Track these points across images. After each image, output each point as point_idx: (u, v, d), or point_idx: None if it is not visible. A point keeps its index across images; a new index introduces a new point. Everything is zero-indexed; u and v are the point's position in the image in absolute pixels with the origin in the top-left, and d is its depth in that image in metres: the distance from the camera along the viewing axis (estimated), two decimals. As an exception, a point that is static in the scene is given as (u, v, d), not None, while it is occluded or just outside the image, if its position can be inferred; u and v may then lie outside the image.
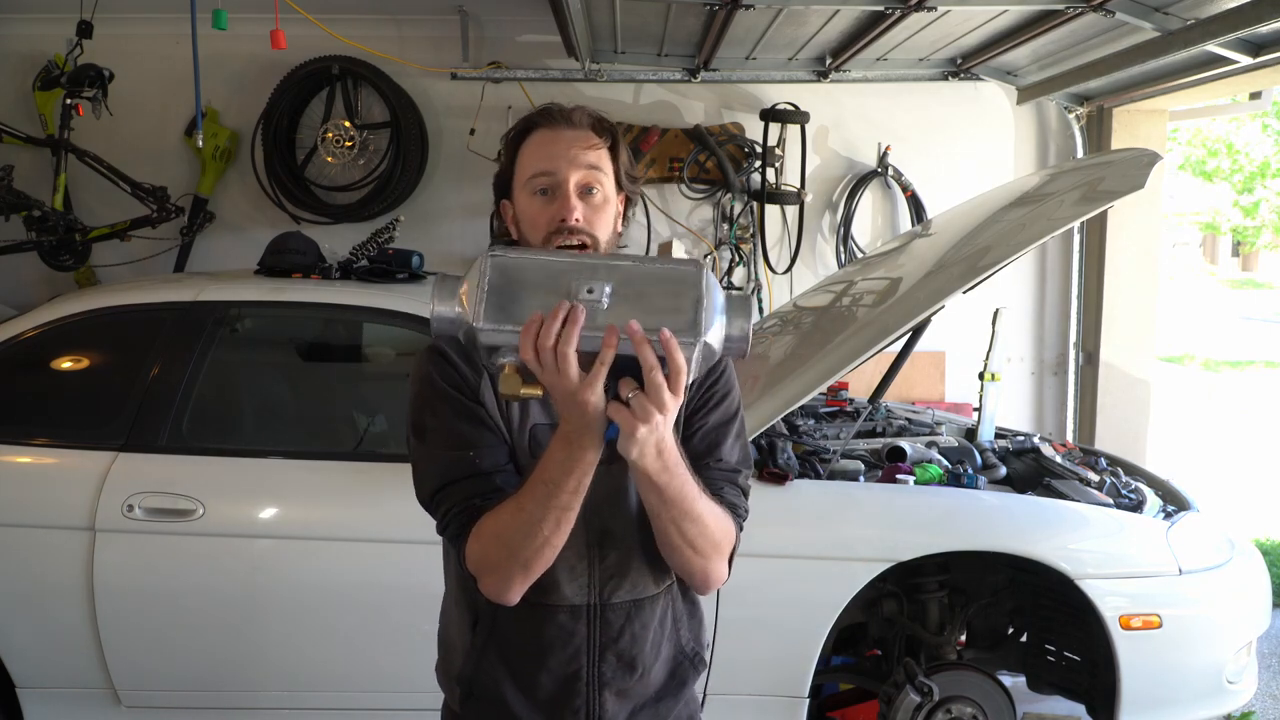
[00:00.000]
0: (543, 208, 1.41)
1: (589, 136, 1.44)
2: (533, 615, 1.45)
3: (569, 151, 1.42)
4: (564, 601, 1.44)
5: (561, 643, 1.46)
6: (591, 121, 1.46)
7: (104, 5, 4.34)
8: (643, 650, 1.49)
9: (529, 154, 1.45)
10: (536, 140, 1.45)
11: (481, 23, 4.91)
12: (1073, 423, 5.22)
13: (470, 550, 1.37)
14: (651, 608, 1.49)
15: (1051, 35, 4.04)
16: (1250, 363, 13.34)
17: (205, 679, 2.85)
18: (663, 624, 1.51)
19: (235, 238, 4.95)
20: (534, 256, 1.24)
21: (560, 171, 1.41)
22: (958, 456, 3.23)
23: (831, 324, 3.30)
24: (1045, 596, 2.95)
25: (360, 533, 2.75)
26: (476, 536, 1.36)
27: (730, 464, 1.49)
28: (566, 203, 1.40)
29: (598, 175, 1.43)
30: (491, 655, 1.48)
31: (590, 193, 1.43)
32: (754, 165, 4.90)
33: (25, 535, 2.79)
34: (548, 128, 1.45)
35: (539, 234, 1.41)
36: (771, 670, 2.79)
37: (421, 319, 2.95)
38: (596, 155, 1.44)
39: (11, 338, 3.00)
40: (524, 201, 1.44)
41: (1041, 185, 3.32)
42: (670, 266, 1.22)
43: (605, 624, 1.46)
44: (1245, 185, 16.61)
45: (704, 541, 1.38)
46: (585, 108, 1.47)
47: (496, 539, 1.34)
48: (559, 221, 1.40)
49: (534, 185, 1.42)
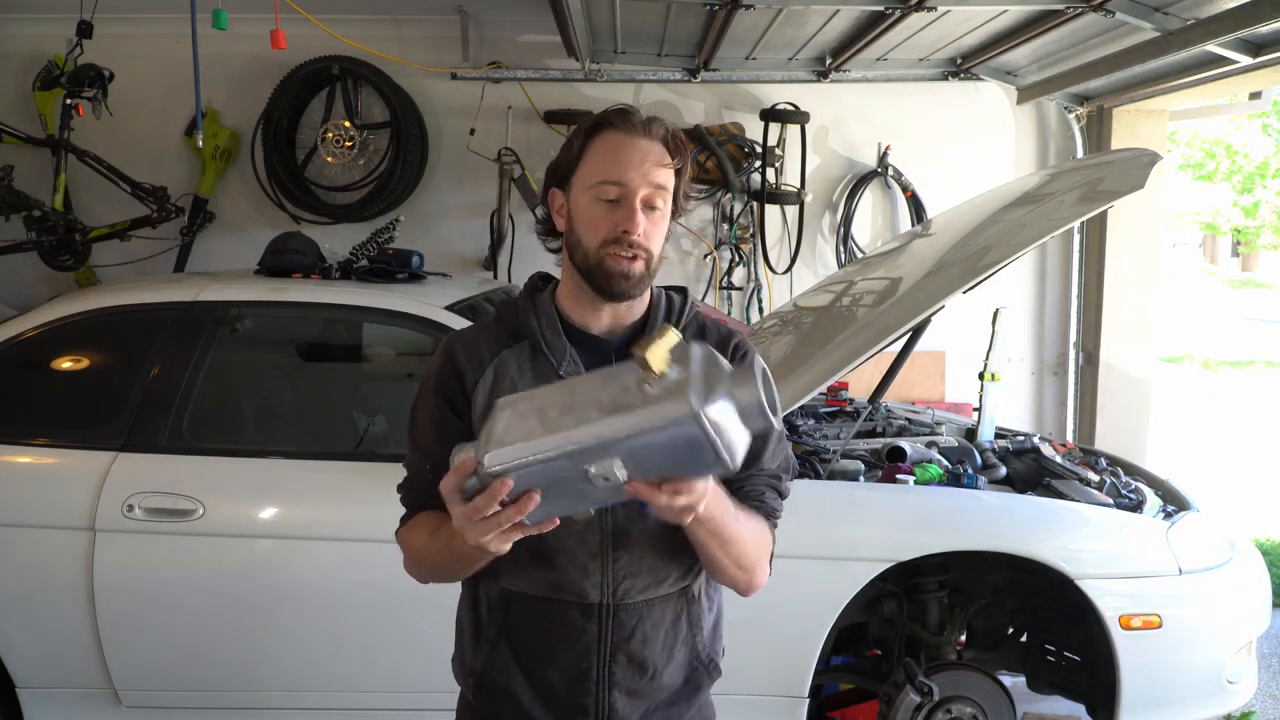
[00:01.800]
0: (606, 214, 1.41)
1: (663, 153, 1.43)
2: (544, 611, 1.46)
3: (643, 165, 1.41)
4: (576, 598, 1.45)
5: (572, 640, 1.46)
6: (667, 137, 1.44)
7: (104, 5, 4.34)
8: (654, 651, 1.48)
9: (600, 155, 1.43)
10: (609, 142, 1.43)
11: (481, 23, 4.91)
12: (1073, 423, 5.22)
13: (401, 533, 1.52)
14: (664, 609, 1.49)
15: (1051, 35, 4.04)
16: (1250, 363, 13.34)
17: (205, 679, 2.85)
18: (676, 627, 1.51)
19: (235, 238, 4.95)
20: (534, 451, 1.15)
21: (631, 184, 1.40)
22: (958, 456, 3.23)
23: (831, 324, 3.30)
24: (1045, 596, 2.95)
25: (360, 533, 2.75)
26: (409, 528, 1.50)
27: (771, 470, 1.51)
28: (633, 217, 1.39)
29: (664, 194, 1.43)
30: (503, 649, 1.49)
31: (653, 209, 1.42)
32: (754, 165, 4.90)
33: (25, 535, 2.78)
34: (624, 132, 1.43)
35: (596, 238, 1.41)
36: (771, 670, 2.79)
37: (421, 319, 2.95)
38: (666, 174, 1.43)
39: (11, 338, 3.00)
40: (585, 203, 1.43)
41: (1041, 185, 3.32)
42: (666, 428, 1.10)
43: (618, 623, 1.46)
44: (1245, 186, 16.60)
45: (747, 559, 1.43)
46: (663, 121, 1.45)
47: (413, 545, 1.48)
48: (621, 232, 1.39)
49: (601, 191, 1.41)
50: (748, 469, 1.46)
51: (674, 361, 1.13)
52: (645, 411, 1.11)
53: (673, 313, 1.53)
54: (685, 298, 1.56)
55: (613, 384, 1.16)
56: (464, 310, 3.05)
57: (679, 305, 1.54)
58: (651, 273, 1.44)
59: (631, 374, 1.14)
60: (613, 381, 1.16)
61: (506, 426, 1.16)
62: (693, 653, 1.53)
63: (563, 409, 1.15)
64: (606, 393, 1.14)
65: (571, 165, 1.46)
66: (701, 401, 1.09)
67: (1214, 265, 29.34)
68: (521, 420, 1.16)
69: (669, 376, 1.12)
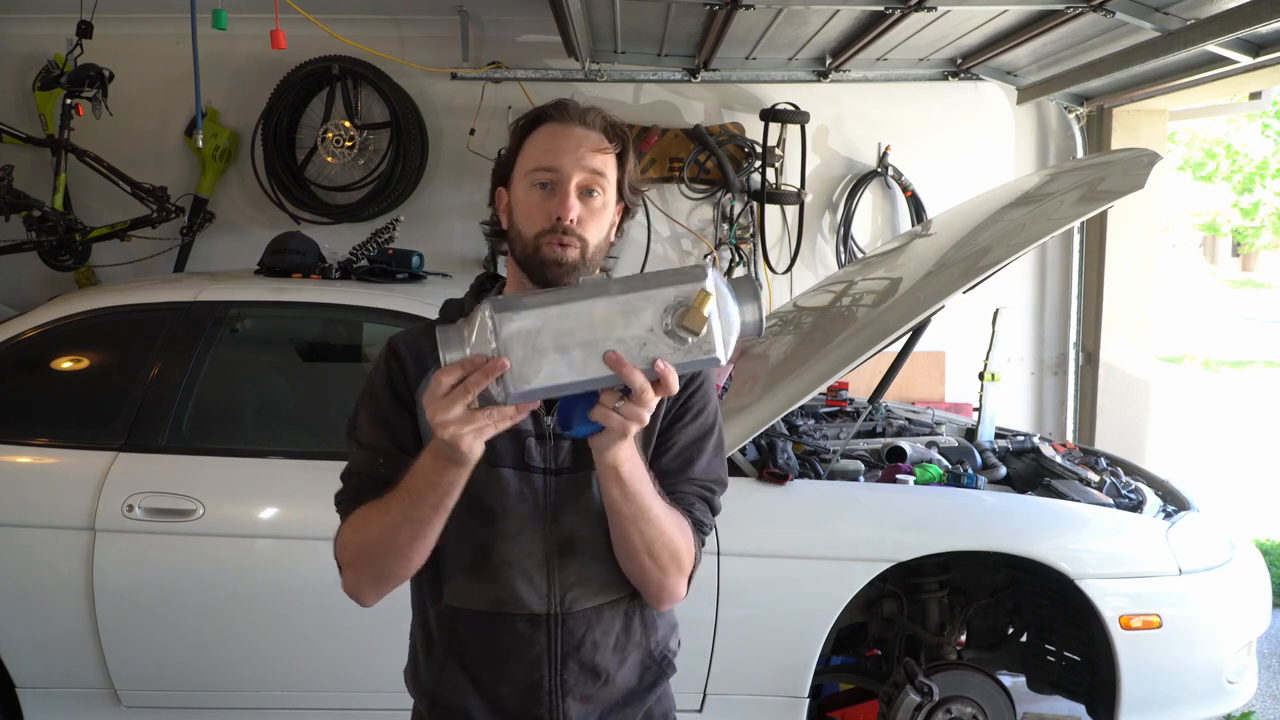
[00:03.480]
0: (540, 202, 1.38)
1: (600, 139, 1.41)
2: (491, 625, 1.44)
3: (576, 150, 1.39)
4: (522, 610, 1.42)
5: (521, 652, 1.44)
6: (604, 125, 1.43)
7: (104, 5, 4.34)
8: (605, 657, 1.46)
9: (535, 145, 1.41)
10: (545, 133, 1.41)
11: (481, 23, 4.91)
12: (1073, 423, 5.22)
13: (340, 539, 1.44)
14: (613, 614, 1.47)
15: (1051, 35, 4.04)
16: (1250, 363, 13.35)
17: (205, 679, 2.85)
18: (628, 630, 1.49)
19: (235, 238, 4.95)
20: (537, 302, 1.18)
21: (564, 169, 1.38)
22: (958, 456, 3.23)
23: (831, 324, 3.30)
24: (1045, 596, 2.95)
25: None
26: (346, 525, 1.43)
27: (705, 480, 1.48)
28: (565, 201, 1.37)
29: (601, 180, 1.40)
30: (453, 666, 1.47)
31: (590, 195, 1.39)
32: (754, 165, 4.90)
33: (25, 535, 2.79)
34: (559, 122, 1.41)
35: (532, 228, 1.38)
36: (771, 670, 2.79)
37: (420, 319, 2.94)
38: (603, 160, 1.40)
39: (11, 338, 3.00)
40: (522, 193, 1.41)
41: (1041, 185, 3.32)
42: (675, 280, 1.18)
43: (567, 632, 1.44)
44: (1244, 186, 16.60)
45: (661, 548, 1.37)
46: (600, 109, 1.44)
47: (358, 534, 1.39)
48: (554, 219, 1.37)
49: (535, 178, 1.39)
50: (681, 474, 1.45)
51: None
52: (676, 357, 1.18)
53: None
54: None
55: (632, 320, 1.17)
56: (464, 310, 3.05)
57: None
58: (589, 262, 1.40)
59: (648, 305, 1.17)
60: (631, 315, 1.17)
61: (524, 359, 1.15)
62: (645, 654, 1.52)
63: (585, 345, 1.16)
64: (628, 330, 1.17)
65: (510, 160, 1.45)
66: (726, 350, 1.19)
67: (1214, 265, 29.34)
68: (538, 354, 1.16)
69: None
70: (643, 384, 1.15)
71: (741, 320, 1.22)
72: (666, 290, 1.17)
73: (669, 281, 1.18)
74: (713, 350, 1.18)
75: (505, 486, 1.41)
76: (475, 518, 1.42)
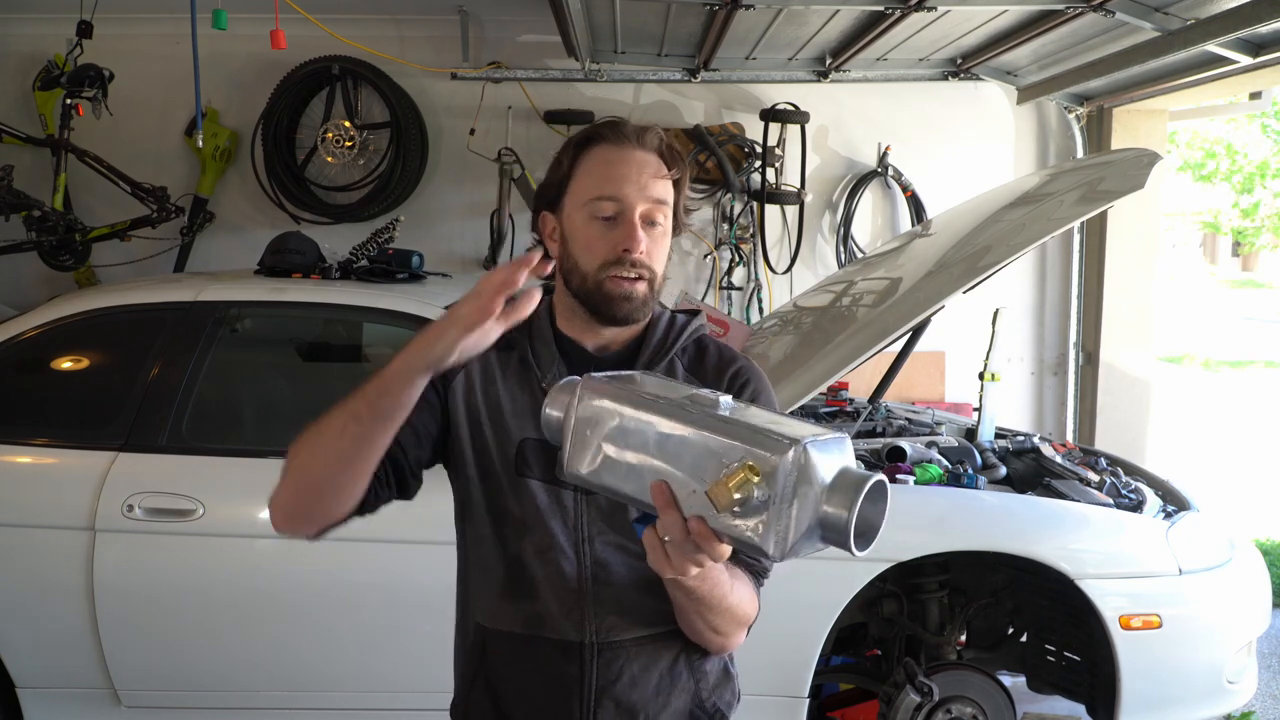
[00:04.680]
0: (603, 234, 1.32)
1: (659, 165, 1.34)
2: (522, 648, 1.35)
3: (639, 178, 1.31)
4: (556, 635, 1.33)
5: (551, 682, 1.34)
6: (662, 147, 1.35)
7: (104, 5, 4.33)
8: (645, 696, 1.35)
9: (591, 171, 1.33)
10: (601, 157, 1.33)
11: (481, 23, 4.91)
12: (1073, 423, 5.22)
13: (291, 451, 1.31)
14: (657, 650, 1.35)
15: (1051, 35, 4.04)
16: (1250, 363, 13.35)
17: (205, 679, 2.85)
18: (673, 671, 1.37)
19: (235, 238, 4.95)
20: (626, 395, 1.07)
21: (628, 199, 1.31)
22: (958, 456, 3.23)
23: (831, 324, 3.30)
24: (1045, 596, 2.95)
25: (360, 533, 2.71)
26: (298, 438, 1.29)
27: None
28: (634, 234, 1.30)
29: (664, 208, 1.34)
30: (480, 689, 1.39)
31: (653, 224, 1.33)
32: (754, 165, 4.90)
33: (25, 535, 2.78)
34: (614, 144, 1.33)
35: (595, 260, 1.32)
36: (771, 670, 2.79)
37: (421, 319, 2.95)
38: (664, 187, 1.34)
39: (11, 338, 3.00)
40: (580, 223, 1.33)
41: (1041, 185, 3.32)
42: (757, 439, 0.98)
43: (603, 664, 1.33)
44: (1244, 186, 16.60)
45: (728, 625, 1.29)
46: (657, 129, 1.36)
47: (301, 439, 1.28)
48: (621, 251, 1.30)
49: (596, 209, 1.32)
50: None
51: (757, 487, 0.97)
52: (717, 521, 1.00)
53: (671, 332, 1.42)
54: (690, 319, 1.45)
55: (698, 460, 1.01)
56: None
57: (680, 325, 1.43)
58: (655, 294, 1.35)
59: (717, 451, 1.00)
60: (699, 455, 1.01)
61: (583, 444, 1.08)
62: (695, 701, 1.39)
63: (642, 463, 1.05)
64: (688, 468, 1.02)
65: (562, 184, 1.36)
66: (780, 546, 0.98)
67: (1214, 265, 29.35)
68: (599, 445, 1.08)
69: (754, 498, 0.98)
70: (678, 534, 1.01)
71: (821, 520, 0.98)
72: (738, 447, 0.98)
73: (752, 437, 0.99)
74: (759, 540, 0.97)
75: (534, 498, 1.33)
76: (505, 528, 1.35)
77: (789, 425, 1.01)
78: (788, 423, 1.03)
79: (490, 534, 1.35)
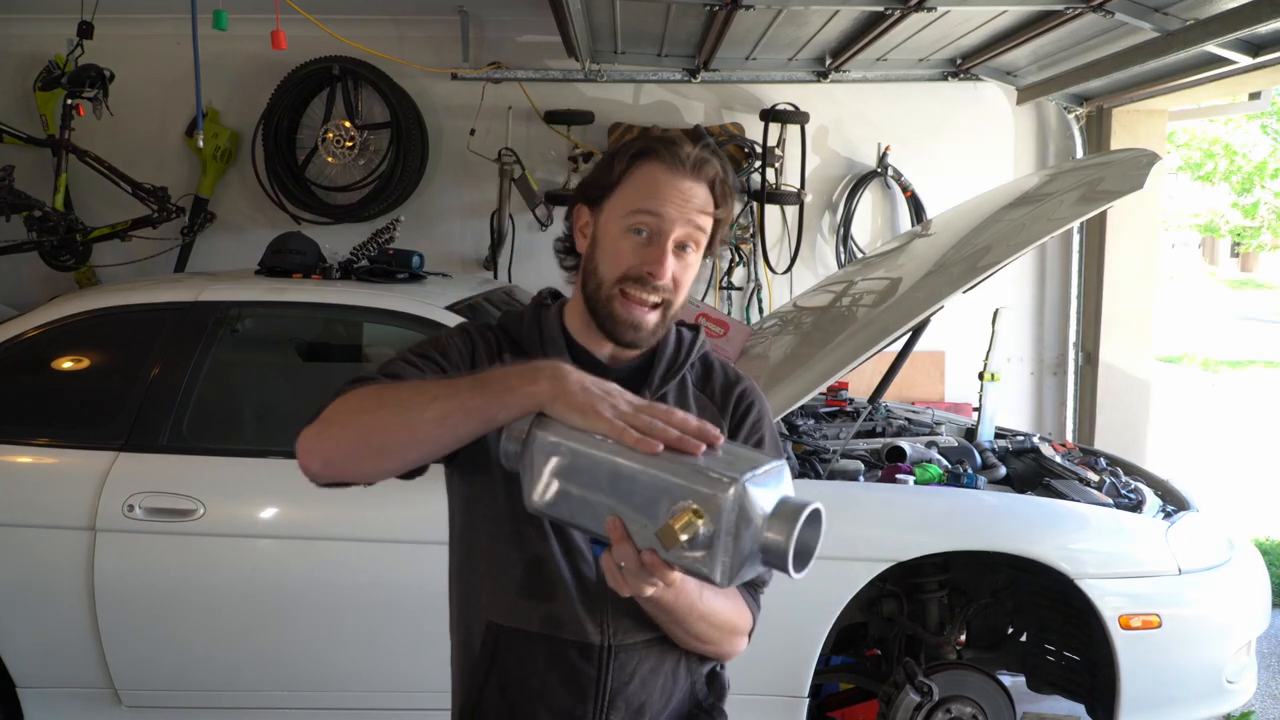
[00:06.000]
0: (634, 249, 1.32)
1: (707, 198, 1.34)
2: (539, 649, 1.36)
3: (684, 205, 1.32)
4: (575, 636, 1.34)
5: (568, 682, 1.36)
6: (715, 182, 1.35)
7: (104, 5, 4.34)
8: (652, 695, 1.38)
9: (639, 184, 1.33)
10: (651, 174, 1.33)
11: (482, 23, 4.91)
12: (1072, 423, 5.22)
13: (349, 392, 1.28)
14: (662, 652, 1.38)
15: (1051, 35, 4.04)
16: (1250, 363, 13.35)
17: (205, 679, 2.85)
18: (675, 673, 1.41)
19: (235, 238, 4.96)
20: (575, 436, 1.11)
21: (668, 218, 1.31)
22: (958, 456, 3.23)
23: (831, 324, 3.30)
24: (1045, 596, 2.95)
25: (361, 533, 2.75)
26: (370, 387, 1.27)
27: None
28: (663, 259, 1.31)
29: (699, 236, 1.34)
30: (493, 688, 1.39)
31: (684, 250, 1.34)
32: (754, 165, 4.90)
33: (25, 535, 2.78)
34: (670, 166, 1.33)
35: (616, 269, 1.33)
36: (771, 670, 2.79)
37: (421, 319, 2.95)
38: (705, 220, 1.34)
39: (11, 338, 3.00)
40: (615, 232, 1.34)
41: (1041, 185, 3.32)
42: (698, 477, 1.04)
43: (618, 666, 1.35)
44: (1244, 186, 16.59)
45: (710, 633, 1.33)
46: (715, 162, 1.36)
47: (380, 392, 1.25)
48: (645, 272, 1.31)
49: (634, 221, 1.32)
50: None
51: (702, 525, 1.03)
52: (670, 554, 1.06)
53: (681, 350, 1.44)
54: (695, 335, 1.47)
55: (648, 497, 1.06)
56: (464, 310, 3.06)
57: (688, 342, 1.45)
58: (667, 323, 1.36)
59: (664, 491, 1.05)
60: (650, 492, 1.06)
61: (541, 479, 1.12)
62: (692, 700, 1.45)
63: (597, 499, 1.09)
64: (639, 505, 1.07)
65: (608, 187, 1.36)
66: (726, 575, 1.04)
67: (1213, 265, 29.35)
68: (554, 480, 1.11)
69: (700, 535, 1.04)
70: (634, 565, 1.07)
71: (763, 547, 1.04)
72: (682, 484, 1.04)
73: (695, 476, 1.04)
74: (708, 571, 1.04)
75: None
76: (528, 527, 1.35)
77: (732, 458, 1.07)
78: (733, 453, 1.09)
79: (510, 531, 1.35)
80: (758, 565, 1.06)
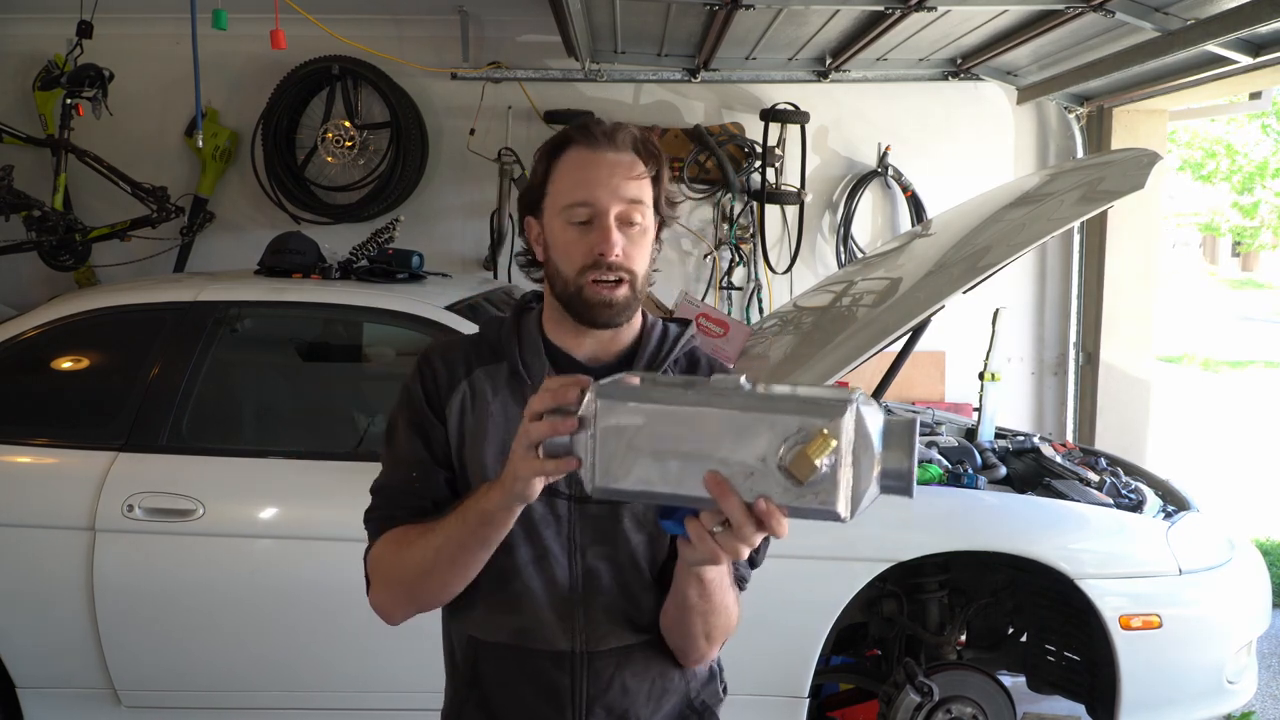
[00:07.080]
0: (579, 238, 1.31)
1: (633, 163, 1.32)
2: (513, 660, 1.36)
3: (610, 180, 1.30)
4: (547, 646, 1.34)
5: (543, 693, 1.35)
6: (635, 144, 1.33)
7: (104, 5, 4.34)
8: (637, 703, 1.36)
9: (565, 175, 1.33)
10: (574, 160, 1.33)
11: (481, 23, 4.91)
12: (1073, 423, 5.22)
13: (373, 554, 1.39)
14: (647, 656, 1.37)
15: (1051, 35, 4.04)
16: (1250, 363, 13.35)
17: (205, 679, 2.85)
18: (666, 675, 1.39)
19: (235, 238, 4.95)
20: (645, 396, 1.04)
21: (600, 202, 1.30)
22: (958, 456, 3.23)
23: (831, 324, 3.30)
24: (1045, 596, 2.95)
25: (360, 533, 2.74)
26: (383, 543, 1.36)
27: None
28: (608, 237, 1.29)
29: (640, 207, 1.32)
30: (473, 702, 1.40)
31: (630, 224, 1.32)
32: (754, 165, 4.90)
33: (25, 535, 2.79)
34: (587, 146, 1.32)
35: (574, 266, 1.32)
36: (771, 670, 2.79)
37: (421, 319, 2.95)
38: (639, 186, 1.32)
39: (11, 338, 3.00)
40: (558, 229, 1.33)
41: (1041, 185, 3.32)
42: (807, 408, 0.98)
43: (593, 674, 1.35)
44: (1244, 186, 16.60)
45: (720, 632, 1.33)
46: (629, 127, 1.34)
47: (396, 554, 1.33)
48: (597, 255, 1.30)
49: (571, 215, 1.31)
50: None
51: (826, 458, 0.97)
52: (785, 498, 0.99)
53: (665, 343, 1.42)
54: (682, 330, 1.45)
55: (746, 442, 0.99)
56: (464, 310, 3.05)
57: (673, 336, 1.43)
58: (638, 295, 1.34)
59: (766, 430, 0.99)
60: (745, 437, 0.99)
61: (616, 455, 1.04)
62: (685, 703, 1.42)
63: (686, 458, 1.01)
64: (738, 453, 1.00)
65: (540, 190, 1.36)
66: (851, 507, 0.99)
67: (1214, 265, 29.36)
68: (633, 454, 1.03)
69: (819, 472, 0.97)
70: (742, 518, 0.99)
71: (882, 472, 0.99)
72: (791, 418, 0.97)
73: (801, 407, 0.98)
74: (832, 504, 0.98)
75: (530, 510, 1.30)
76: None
77: (823, 391, 1.02)
78: (818, 389, 1.04)
79: None
80: (876, 493, 1.00)
